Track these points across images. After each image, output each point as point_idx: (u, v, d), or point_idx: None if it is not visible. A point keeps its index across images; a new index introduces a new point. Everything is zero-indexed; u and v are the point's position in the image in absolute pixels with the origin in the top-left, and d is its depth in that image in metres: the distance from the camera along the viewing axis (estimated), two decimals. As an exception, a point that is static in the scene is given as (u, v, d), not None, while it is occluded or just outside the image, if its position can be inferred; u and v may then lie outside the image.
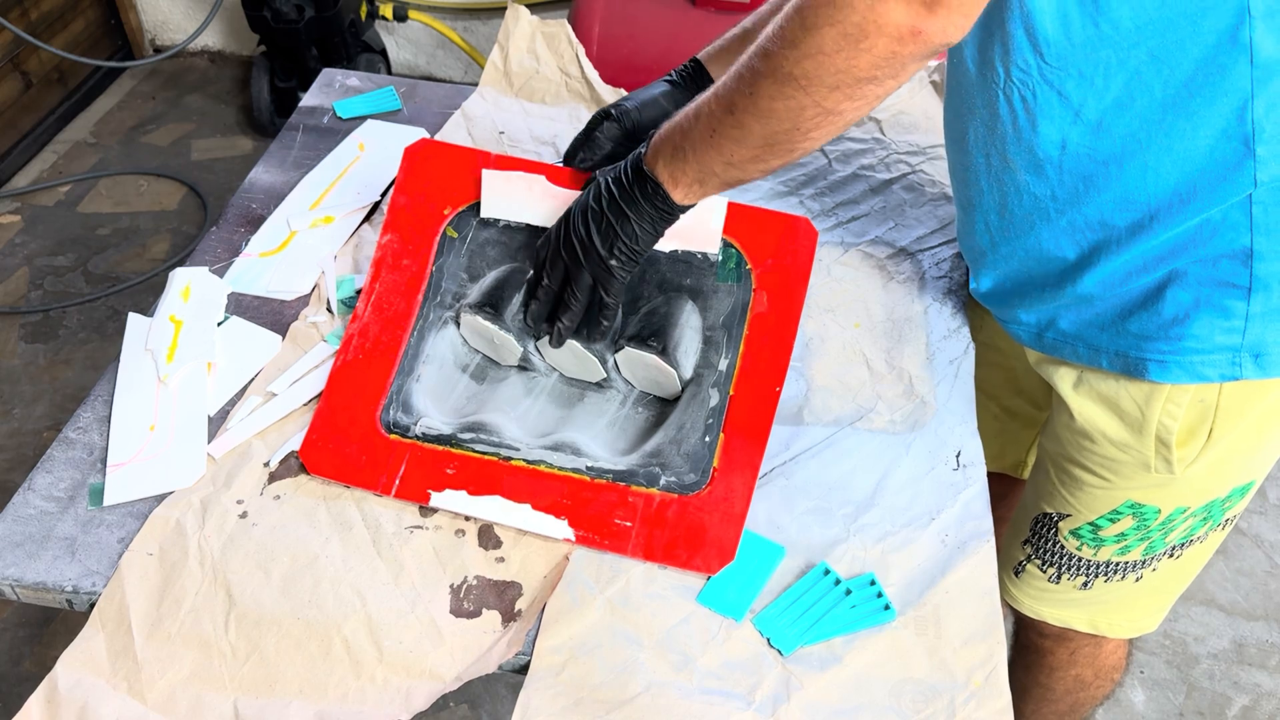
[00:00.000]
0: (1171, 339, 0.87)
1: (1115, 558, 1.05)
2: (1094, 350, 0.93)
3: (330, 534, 0.89)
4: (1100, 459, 0.99)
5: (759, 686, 0.80)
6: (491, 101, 1.43)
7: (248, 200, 1.26)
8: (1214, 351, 0.87)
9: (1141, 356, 0.90)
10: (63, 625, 1.73)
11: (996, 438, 1.25)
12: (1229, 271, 0.84)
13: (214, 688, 0.79)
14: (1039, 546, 1.10)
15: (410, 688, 0.80)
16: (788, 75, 0.72)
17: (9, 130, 2.68)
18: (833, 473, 0.96)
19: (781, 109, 0.74)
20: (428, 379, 1.01)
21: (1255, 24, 0.74)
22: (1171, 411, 0.91)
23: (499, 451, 0.93)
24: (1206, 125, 0.79)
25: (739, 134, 0.78)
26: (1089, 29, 0.78)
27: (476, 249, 1.08)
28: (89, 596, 0.85)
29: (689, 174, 0.83)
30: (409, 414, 0.96)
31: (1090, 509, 1.03)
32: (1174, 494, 0.98)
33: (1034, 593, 1.13)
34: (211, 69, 3.14)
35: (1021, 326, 0.99)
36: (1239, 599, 1.83)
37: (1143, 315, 0.89)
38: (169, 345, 1.04)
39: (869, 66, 0.71)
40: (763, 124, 0.76)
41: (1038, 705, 1.30)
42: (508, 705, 1.65)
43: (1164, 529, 1.01)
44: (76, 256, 2.46)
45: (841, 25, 0.69)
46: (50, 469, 0.94)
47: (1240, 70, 0.76)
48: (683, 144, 0.82)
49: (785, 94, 0.73)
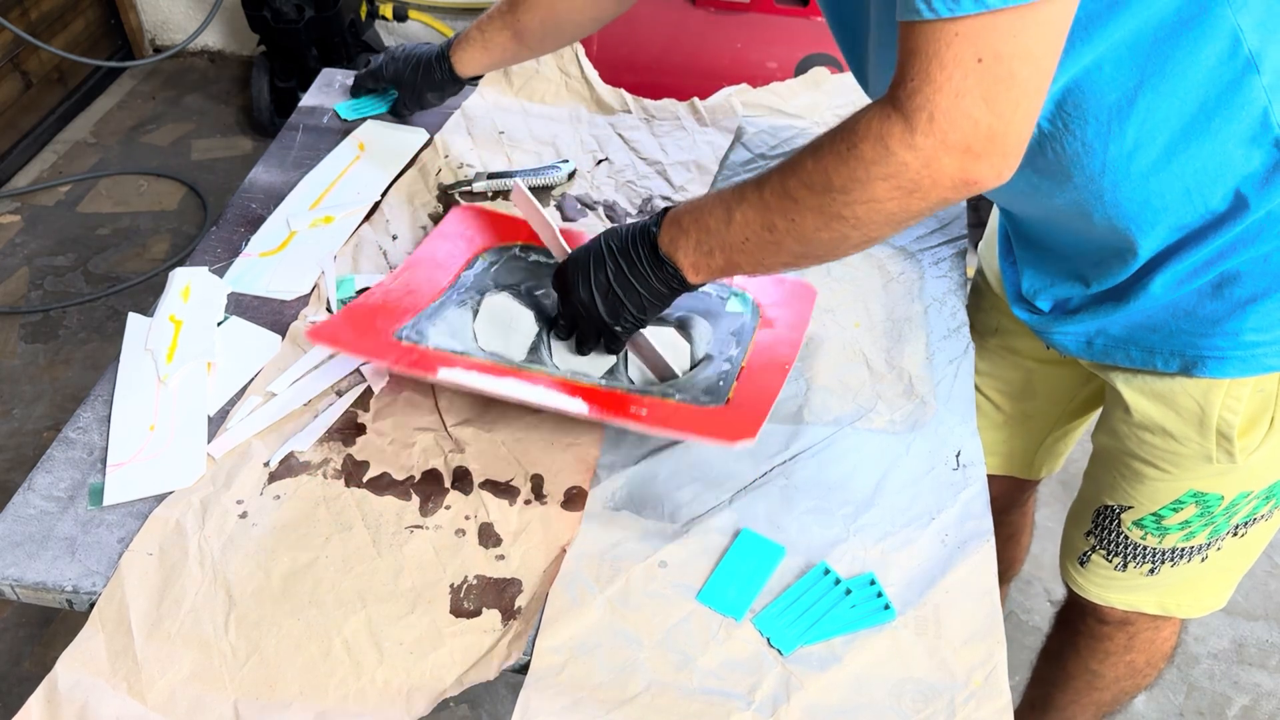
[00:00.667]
0: (1228, 334, 0.88)
1: (1180, 544, 1.04)
2: (1148, 352, 0.93)
3: (330, 534, 0.89)
4: (1161, 452, 0.98)
5: (759, 686, 0.80)
6: (491, 101, 1.43)
7: (247, 200, 1.26)
8: (1274, 343, 0.87)
9: (1199, 354, 0.90)
10: (63, 625, 1.73)
11: (1005, 442, 1.25)
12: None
13: (214, 688, 0.79)
14: (1103, 538, 1.09)
15: (411, 690, 0.80)
16: (837, 215, 0.75)
17: (9, 130, 2.68)
18: (833, 472, 0.96)
19: (826, 239, 0.77)
20: (441, 333, 1.02)
21: (1249, 37, 0.75)
22: (1232, 406, 0.92)
23: (510, 363, 0.98)
24: (1233, 139, 0.79)
25: (777, 249, 0.80)
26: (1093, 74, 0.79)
27: (506, 272, 1.12)
28: (89, 596, 0.85)
29: (714, 266, 0.85)
30: (422, 339, 1.00)
31: (1153, 500, 1.02)
32: (1237, 480, 0.98)
33: (1101, 581, 1.13)
34: (211, 69, 3.14)
35: (1070, 337, 0.99)
36: (1239, 599, 1.83)
37: (1197, 314, 0.89)
38: (169, 345, 1.04)
39: (922, 211, 0.73)
40: (803, 245, 0.79)
41: (1079, 695, 1.29)
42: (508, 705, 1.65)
43: (1228, 513, 1.01)
44: (76, 256, 2.46)
45: (896, 180, 0.70)
46: (50, 469, 0.94)
47: (1251, 82, 0.77)
48: (709, 242, 0.84)
49: (832, 229, 0.76)
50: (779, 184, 0.78)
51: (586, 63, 1.45)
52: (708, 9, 2.02)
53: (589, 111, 1.42)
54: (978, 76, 0.65)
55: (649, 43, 2.01)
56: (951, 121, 0.67)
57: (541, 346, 1.05)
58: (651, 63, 1.99)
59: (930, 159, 0.68)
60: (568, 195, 1.28)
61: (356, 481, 0.94)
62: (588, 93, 1.44)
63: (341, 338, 0.97)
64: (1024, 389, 1.19)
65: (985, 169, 0.69)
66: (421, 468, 0.95)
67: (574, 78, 1.45)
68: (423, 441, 0.97)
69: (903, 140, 0.69)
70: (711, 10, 2.03)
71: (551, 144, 1.36)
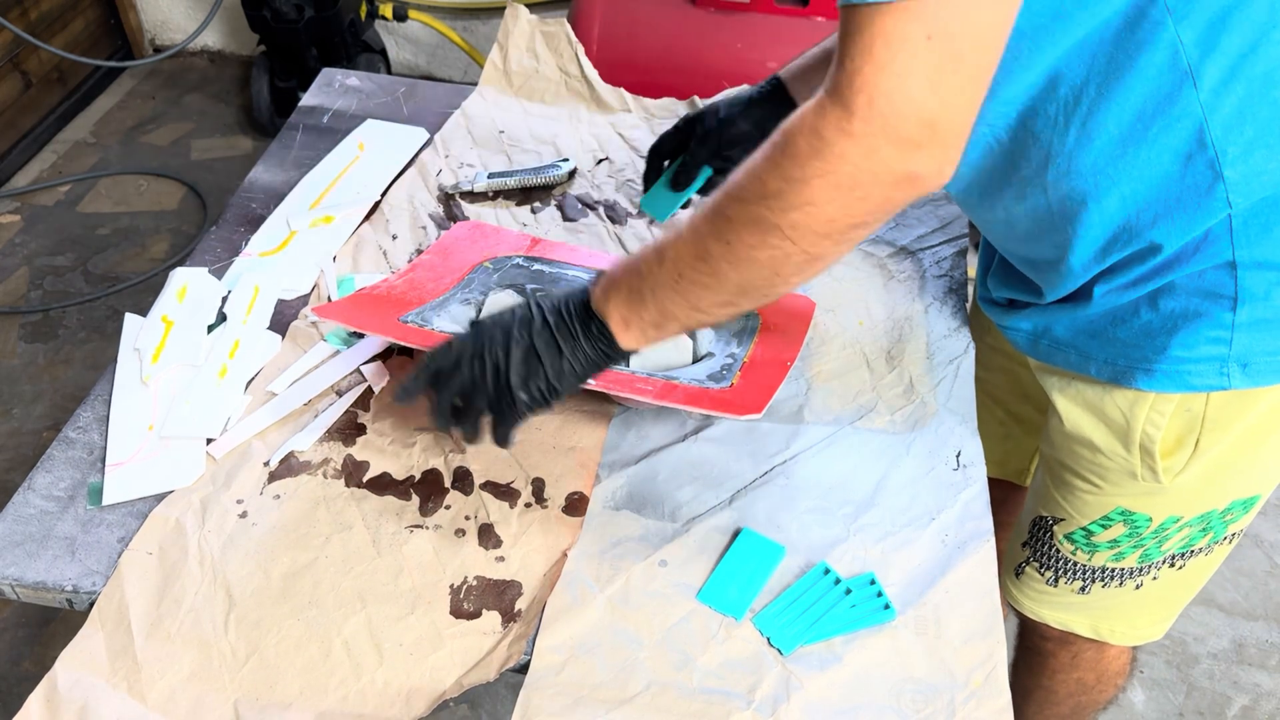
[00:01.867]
0: (1159, 348, 0.87)
1: (1110, 563, 1.04)
2: (1084, 357, 0.93)
3: (330, 534, 0.89)
4: (1090, 464, 0.99)
5: (759, 686, 0.80)
6: (491, 101, 1.43)
7: (247, 200, 1.26)
8: (1201, 361, 0.87)
9: (1129, 365, 0.90)
10: (63, 625, 1.73)
11: (1001, 444, 1.25)
12: (1215, 282, 0.84)
13: (214, 688, 0.79)
14: (1036, 549, 1.10)
15: (411, 691, 0.80)
16: (772, 226, 0.69)
17: (9, 130, 2.67)
18: (833, 472, 0.96)
19: (764, 257, 0.71)
20: (446, 322, 1.03)
21: (1188, 50, 0.75)
22: (1155, 420, 0.91)
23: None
24: (1169, 151, 0.80)
25: (712, 281, 0.73)
26: (1044, 71, 0.79)
27: (509, 279, 1.12)
28: (89, 596, 0.85)
29: (646, 318, 0.77)
30: (427, 325, 1.01)
31: (1082, 514, 1.02)
32: (1164, 503, 0.97)
33: (1034, 594, 1.13)
34: (211, 69, 3.14)
35: (1020, 333, 1.00)
36: (1239, 599, 1.83)
37: (1132, 323, 0.89)
38: (156, 346, 1.04)
39: (863, 214, 0.68)
40: (740, 271, 0.72)
41: (1040, 708, 1.30)
42: (508, 705, 1.65)
43: (1157, 537, 1.00)
44: (76, 256, 2.46)
45: (834, 176, 0.66)
46: (50, 468, 0.94)
47: (1188, 95, 0.77)
48: (641, 287, 0.76)
49: (769, 244, 0.70)
50: (711, 207, 0.73)
51: (586, 62, 1.45)
52: (708, 9, 2.02)
53: (589, 111, 1.42)
54: (925, 55, 0.61)
55: (649, 43, 2.01)
56: (893, 105, 0.63)
57: None
58: (651, 62, 1.99)
59: (870, 148, 0.64)
60: (568, 195, 1.28)
61: (356, 481, 0.94)
62: (587, 92, 1.44)
63: (348, 315, 0.99)
64: (1015, 392, 1.19)
65: (927, 161, 0.65)
66: (421, 467, 0.95)
67: (574, 77, 1.45)
68: (423, 441, 0.97)
69: (840, 128, 0.64)
70: (711, 10, 2.02)
71: (551, 143, 1.36)
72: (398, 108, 1.42)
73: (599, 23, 2.00)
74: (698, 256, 0.73)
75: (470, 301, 1.07)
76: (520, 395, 0.81)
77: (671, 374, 0.98)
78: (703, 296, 0.75)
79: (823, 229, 0.69)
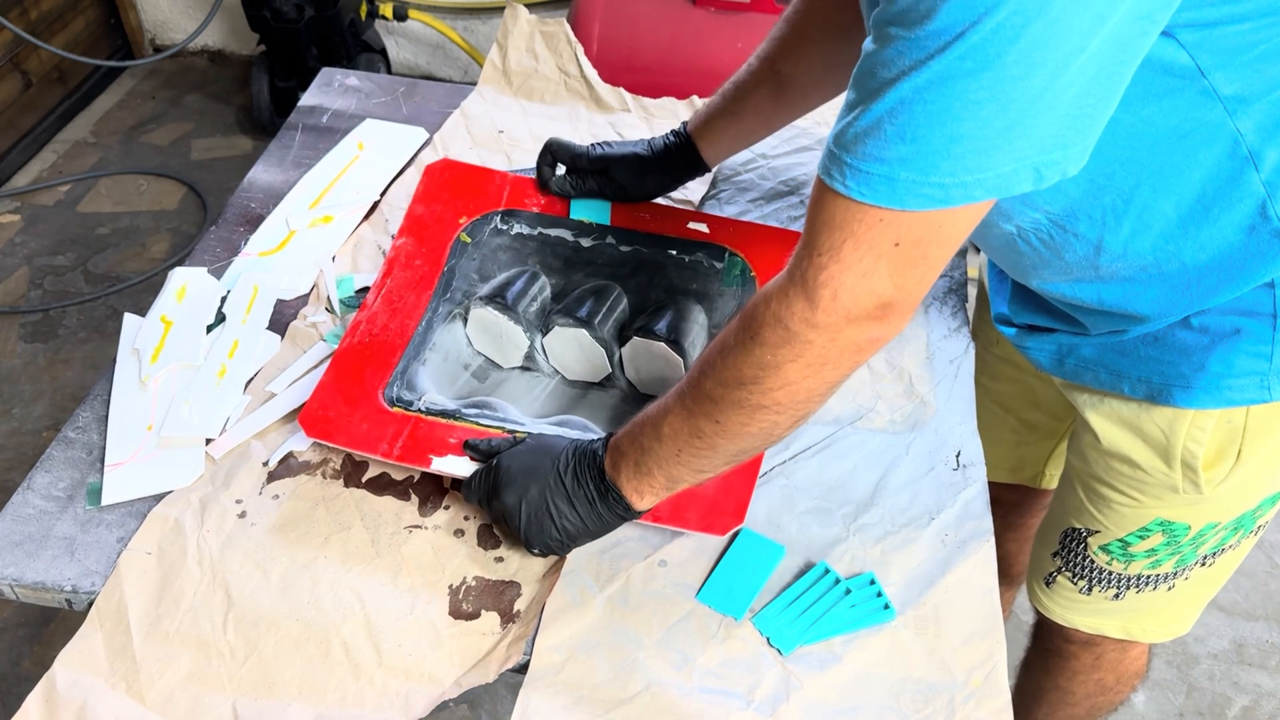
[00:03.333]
0: (1196, 365, 0.86)
1: (1146, 571, 1.03)
2: (1116, 375, 0.92)
3: (329, 534, 0.89)
4: (1128, 479, 0.97)
5: (758, 686, 0.80)
6: (491, 101, 1.43)
7: (247, 200, 1.26)
8: (1241, 376, 0.85)
9: (1165, 382, 0.88)
10: (62, 625, 1.72)
11: (1014, 450, 1.24)
12: (1253, 302, 0.83)
13: (212, 688, 0.79)
14: (1069, 560, 1.08)
15: (409, 691, 0.80)
16: (758, 406, 0.73)
17: (9, 130, 2.67)
18: (833, 472, 0.96)
19: (755, 429, 0.75)
20: (433, 365, 1.02)
21: (1248, 138, 0.74)
22: (1197, 436, 0.90)
23: (503, 425, 0.93)
24: (1232, 225, 0.78)
25: (710, 453, 0.78)
26: (1084, 185, 0.78)
27: (489, 253, 1.10)
28: (88, 596, 0.85)
29: (656, 486, 0.81)
30: (413, 391, 0.97)
31: (1119, 526, 1.01)
32: (1204, 511, 0.96)
33: (1065, 603, 1.12)
34: (211, 69, 3.14)
35: (1043, 354, 0.98)
36: (1239, 599, 1.83)
37: (1167, 342, 0.87)
38: (155, 346, 1.03)
39: (838, 379, 0.73)
40: (736, 443, 0.77)
41: (1053, 709, 1.29)
42: (507, 705, 1.65)
43: (1195, 543, 0.99)
44: (76, 256, 2.46)
45: (805, 359, 0.70)
46: (49, 468, 0.94)
47: (1249, 178, 0.76)
48: (645, 461, 0.80)
49: (758, 420, 0.74)
50: (698, 387, 0.76)
51: (585, 62, 1.45)
52: (708, 9, 2.02)
53: (588, 110, 1.42)
54: (890, 257, 0.65)
55: (649, 43, 2.01)
56: (855, 298, 0.67)
57: (536, 354, 1.05)
58: (651, 62, 1.99)
59: (834, 334, 0.69)
60: (567, 195, 1.28)
61: (355, 481, 0.93)
62: (587, 92, 1.44)
63: (336, 423, 0.92)
64: (1027, 400, 1.18)
65: (888, 329, 0.70)
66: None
67: (573, 76, 1.45)
68: (422, 441, 0.97)
69: (804, 320, 0.68)
70: (711, 10, 2.02)
71: (551, 143, 1.36)
72: (397, 107, 1.42)
73: (599, 22, 2.00)
74: (693, 434, 0.77)
75: (456, 316, 1.05)
76: (533, 550, 0.85)
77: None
78: (704, 464, 0.79)
79: (804, 397, 0.73)
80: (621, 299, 1.07)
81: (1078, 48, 0.58)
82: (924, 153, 0.61)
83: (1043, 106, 0.59)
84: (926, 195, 0.62)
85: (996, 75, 0.57)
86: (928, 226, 0.64)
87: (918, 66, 0.59)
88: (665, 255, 1.08)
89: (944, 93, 0.59)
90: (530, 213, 1.10)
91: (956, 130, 0.60)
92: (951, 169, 0.61)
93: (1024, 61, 0.57)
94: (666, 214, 1.10)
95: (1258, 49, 0.69)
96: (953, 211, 0.63)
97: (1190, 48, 0.69)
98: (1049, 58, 0.57)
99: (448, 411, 0.94)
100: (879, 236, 0.64)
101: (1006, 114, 0.59)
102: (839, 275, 0.66)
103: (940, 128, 0.60)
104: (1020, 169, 0.62)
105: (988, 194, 0.62)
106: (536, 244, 1.10)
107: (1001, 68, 0.57)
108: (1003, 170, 0.61)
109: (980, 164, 0.61)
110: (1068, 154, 0.63)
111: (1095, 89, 0.61)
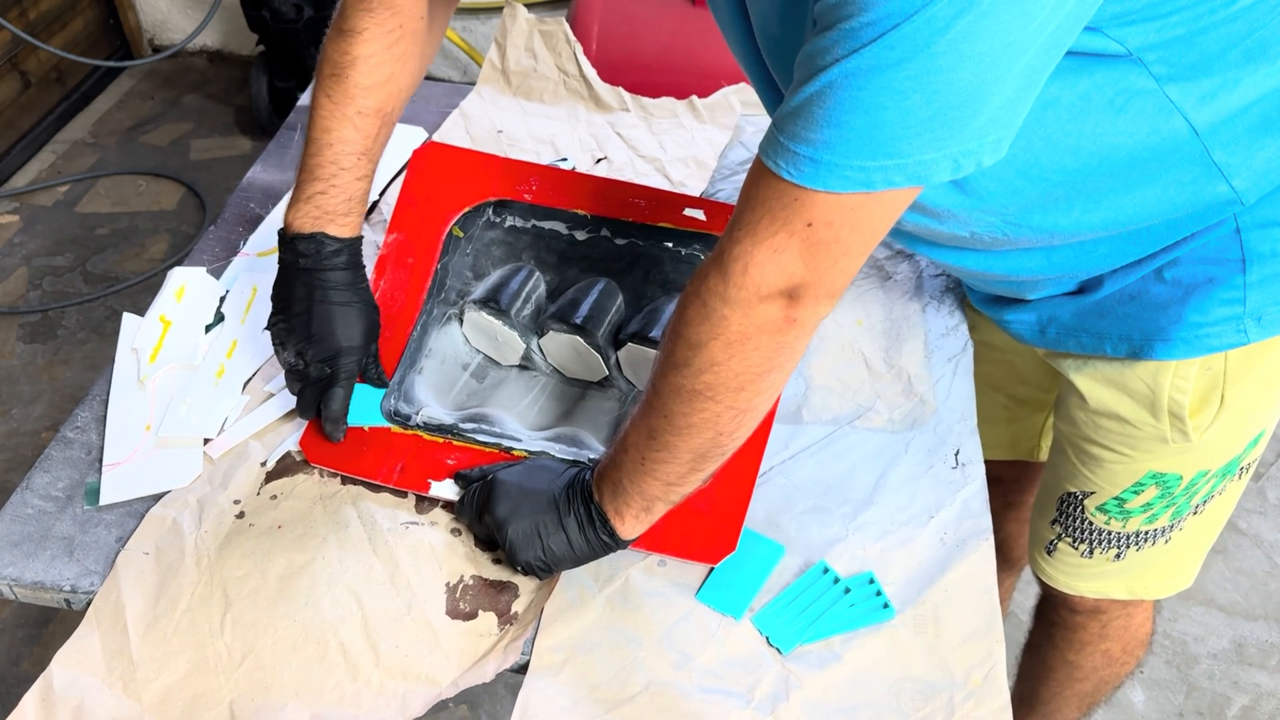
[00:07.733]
0: (1174, 317, 0.89)
1: (1144, 526, 1.05)
2: (1097, 338, 0.94)
3: (327, 533, 0.89)
4: (1118, 436, 0.99)
5: (758, 685, 0.80)
6: (489, 100, 1.43)
7: (246, 200, 1.26)
8: (1218, 323, 0.88)
9: (1145, 338, 0.91)
10: (61, 625, 1.72)
11: (1007, 427, 1.26)
12: (1221, 249, 0.86)
13: (209, 689, 0.79)
14: (1068, 526, 1.10)
15: (406, 692, 0.80)
16: (692, 391, 0.74)
17: (8, 130, 2.67)
18: (832, 471, 0.96)
19: (699, 421, 0.75)
20: (429, 372, 1.01)
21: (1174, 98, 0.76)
22: (1180, 386, 0.92)
23: (500, 442, 0.93)
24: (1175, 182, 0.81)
25: (667, 455, 0.78)
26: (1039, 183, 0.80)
27: (482, 248, 1.09)
28: (87, 596, 0.85)
29: (633, 506, 0.81)
30: (410, 404, 0.96)
31: (1113, 484, 1.03)
32: (1194, 459, 0.98)
33: (1068, 569, 1.13)
34: (210, 69, 3.14)
35: (1024, 325, 1.00)
36: (1239, 599, 1.83)
37: (1142, 299, 0.90)
38: (154, 346, 1.03)
39: (762, 361, 0.73)
40: (685, 439, 0.77)
41: (1061, 687, 1.30)
42: (507, 705, 1.64)
43: (1188, 493, 1.01)
44: (75, 256, 2.45)
45: (724, 336, 0.71)
46: (48, 468, 0.94)
47: (1179, 128, 0.77)
48: (619, 479, 0.81)
49: (697, 408, 0.75)
50: (647, 387, 0.78)
51: (585, 61, 1.45)
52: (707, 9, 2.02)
53: (587, 110, 1.42)
54: (802, 237, 0.67)
55: (649, 42, 2.01)
56: (764, 274, 0.68)
57: (533, 354, 1.05)
58: (651, 62, 1.99)
59: (747, 310, 0.69)
60: (566, 194, 1.28)
61: (353, 481, 0.93)
62: (586, 91, 1.43)
63: (336, 447, 0.92)
64: (1012, 377, 1.20)
65: (803, 311, 0.70)
66: (419, 467, 0.95)
67: (572, 76, 1.45)
68: (420, 441, 0.97)
69: (719, 295, 0.70)
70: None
71: (550, 143, 1.36)
72: (396, 107, 1.42)
73: (598, 22, 1.99)
74: (649, 435, 0.78)
75: (451, 318, 1.05)
76: (518, 566, 0.84)
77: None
78: (667, 471, 0.79)
79: (734, 384, 0.73)
80: (617, 297, 1.06)
81: (1008, 43, 0.59)
82: (847, 137, 0.62)
83: (970, 99, 0.61)
84: (847, 178, 0.64)
85: (923, 65, 0.59)
86: (841, 209, 0.65)
87: (850, 54, 0.60)
88: (661, 249, 1.07)
89: (871, 80, 0.60)
90: (523, 203, 1.08)
91: (879, 117, 0.61)
92: (873, 153, 0.63)
93: (952, 53, 0.58)
94: (662, 200, 1.09)
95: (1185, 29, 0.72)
96: (871, 197, 0.65)
97: (1120, 40, 0.71)
98: (977, 51, 0.59)
99: (445, 427, 0.94)
100: (793, 215, 0.66)
101: (932, 104, 0.60)
102: (751, 249, 0.68)
103: (864, 114, 0.61)
104: (940, 158, 0.63)
105: (908, 181, 0.64)
106: (530, 238, 1.09)
107: (929, 58, 0.59)
108: (924, 158, 0.63)
109: (901, 150, 0.62)
110: (983, 144, 0.64)
111: (1025, 85, 0.63)
